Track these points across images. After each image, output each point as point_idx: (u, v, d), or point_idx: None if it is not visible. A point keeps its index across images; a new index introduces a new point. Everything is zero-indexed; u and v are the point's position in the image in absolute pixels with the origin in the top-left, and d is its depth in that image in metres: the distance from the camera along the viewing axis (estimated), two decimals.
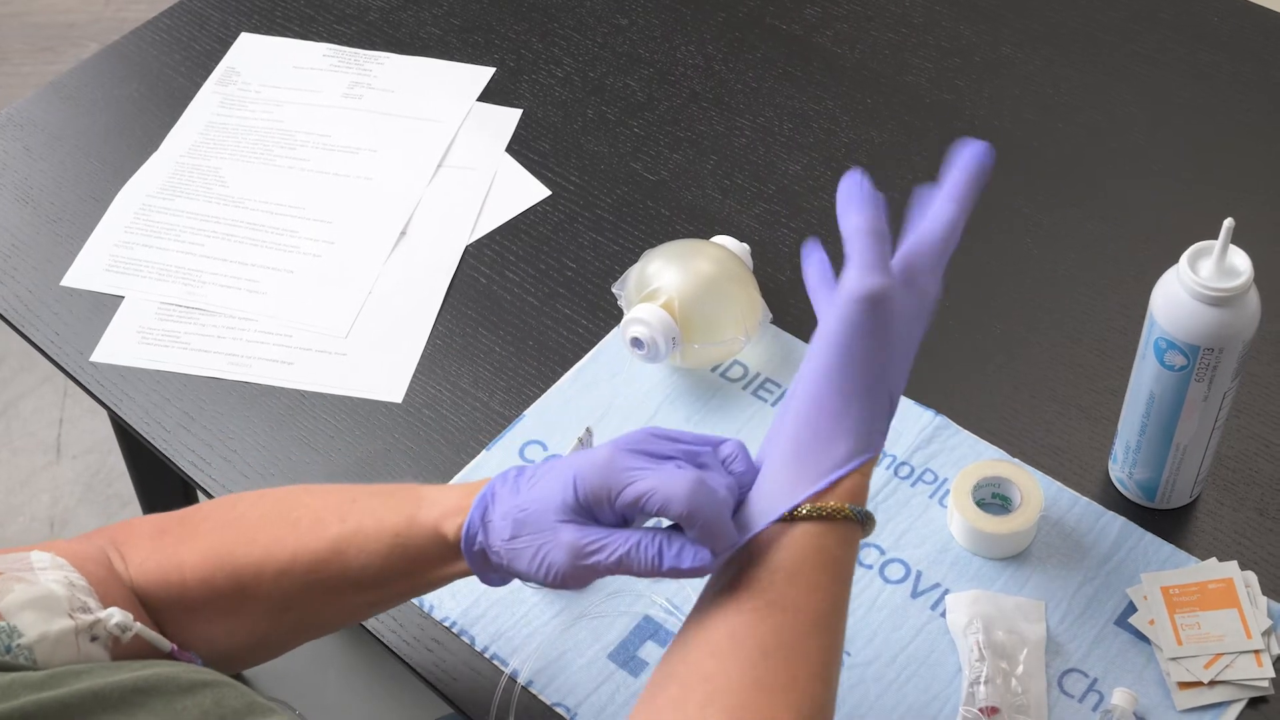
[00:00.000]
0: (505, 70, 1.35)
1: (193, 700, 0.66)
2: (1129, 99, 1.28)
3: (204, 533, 0.83)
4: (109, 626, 0.73)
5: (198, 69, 1.37)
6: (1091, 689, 0.90)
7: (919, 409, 1.05)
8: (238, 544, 0.82)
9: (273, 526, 0.82)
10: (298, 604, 0.81)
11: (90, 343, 1.15)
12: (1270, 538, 0.97)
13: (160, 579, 0.81)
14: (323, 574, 0.80)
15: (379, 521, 0.80)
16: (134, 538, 0.84)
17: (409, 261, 1.19)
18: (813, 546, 0.73)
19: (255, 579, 0.80)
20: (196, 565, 0.81)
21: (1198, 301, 0.86)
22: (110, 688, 0.63)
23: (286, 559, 0.80)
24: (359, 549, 0.79)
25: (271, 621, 0.82)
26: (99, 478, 2.06)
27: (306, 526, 0.81)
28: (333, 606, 0.83)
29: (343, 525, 0.80)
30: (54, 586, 0.72)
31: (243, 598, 0.81)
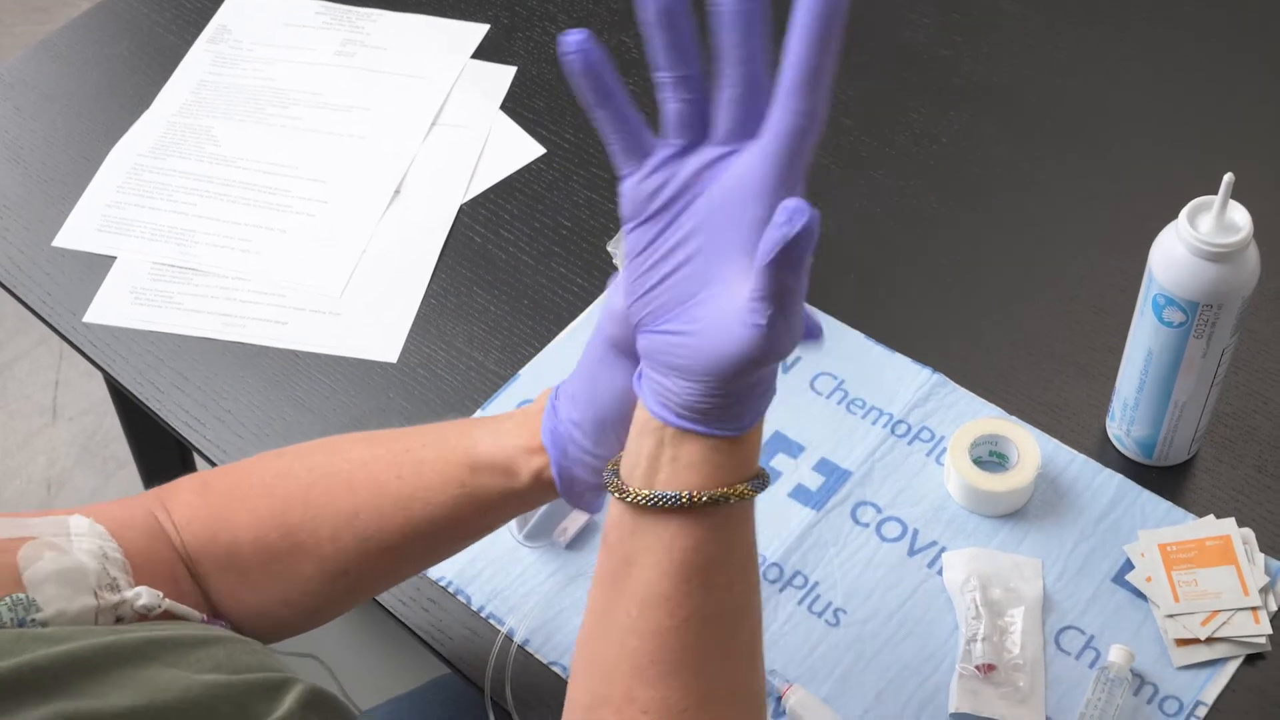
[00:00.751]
0: (499, 27, 1.34)
1: (205, 652, 0.66)
2: (1129, 55, 1.27)
3: (252, 492, 0.80)
4: (135, 607, 0.71)
5: (189, 27, 1.36)
6: (1088, 646, 0.90)
7: (916, 367, 1.05)
8: (291, 504, 0.79)
9: (327, 485, 0.79)
10: (356, 564, 0.79)
11: (83, 303, 1.14)
12: (1268, 494, 0.97)
13: (209, 538, 0.79)
14: (386, 532, 0.78)
15: (441, 475, 0.78)
16: (180, 496, 0.81)
17: (403, 220, 1.19)
18: None
19: (313, 539, 0.78)
20: (249, 525, 0.79)
21: (1197, 257, 0.86)
22: (122, 641, 0.63)
23: (345, 518, 0.78)
24: (424, 503, 0.77)
25: (327, 584, 0.80)
26: (95, 439, 2.06)
27: (362, 484, 0.79)
28: (393, 562, 0.80)
29: (401, 482, 0.78)
30: (85, 559, 0.70)
31: (298, 559, 0.78)
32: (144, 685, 0.62)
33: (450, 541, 0.82)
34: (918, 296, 1.10)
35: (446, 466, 0.78)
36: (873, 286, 1.11)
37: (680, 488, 0.64)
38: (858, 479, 0.99)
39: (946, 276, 1.12)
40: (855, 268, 1.12)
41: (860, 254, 1.13)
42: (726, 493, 0.64)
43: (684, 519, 0.64)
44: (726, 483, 0.64)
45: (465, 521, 0.79)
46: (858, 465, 1.00)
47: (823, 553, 0.95)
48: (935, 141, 1.21)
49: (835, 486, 0.99)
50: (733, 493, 0.64)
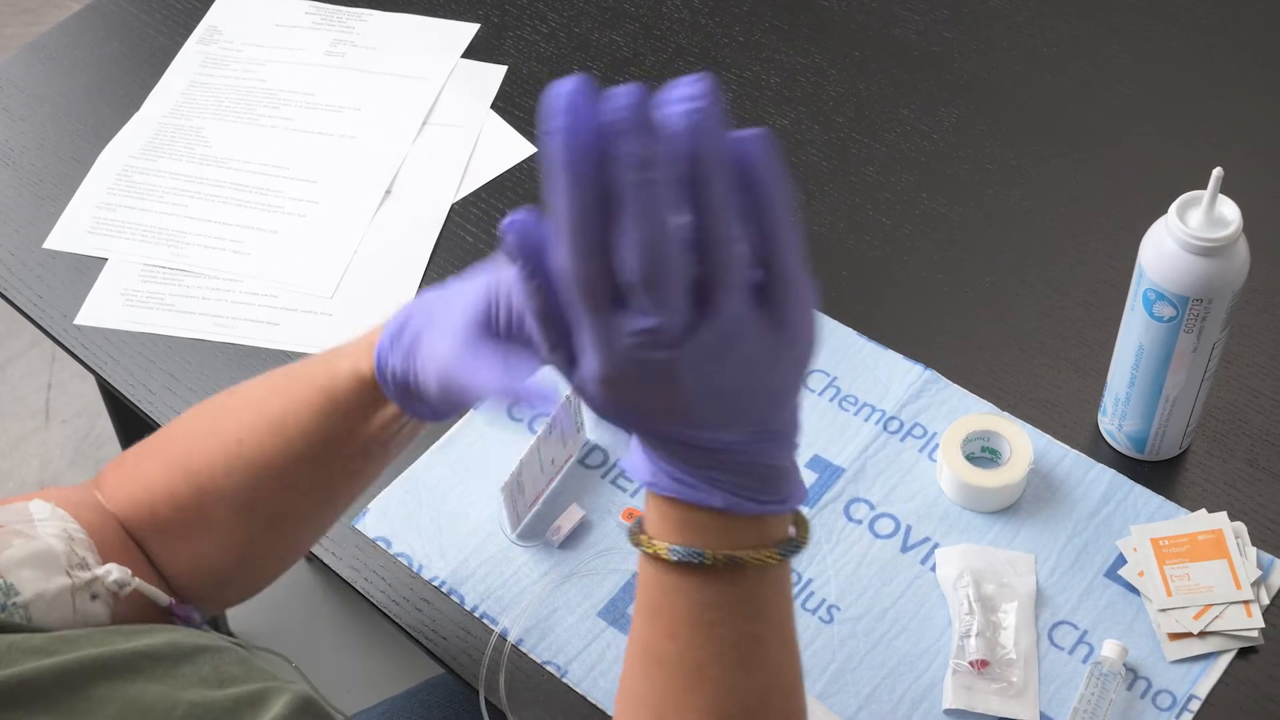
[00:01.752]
0: (490, 26, 1.34)
1: (192, 667, 0.66)
2: (1118, 49, 1.27)
3: (161, 448, 0.82)
4: (107, 583, 0.72)
5: (179, 28, 1.36)
6: (1081, 641, 0.90)
7: (908, 363, 1.05)
8: (191, 449, 0.80)
9: (219, 422, 0.80)
10: (259, 498, 0.79)
11: (74, 305, 1.14)
12: (1259, 488, 0.97)
13: (131, 503, 0.80)
14: (268, 455, 0.78)
15: (307, 384, 0.78)
16: (108, 470, 0.83)
17: (394, 220, 1.19)
18: None
19: (210, 478, 0.79)
20: (161, 478, 0.80)
21: (1186, 252, 0.86)
22: (110, 655, 0.63)
23: (234, 448, 0.78)
24: (295, 416, 0.77)
25: (243, 525, 0.80)
26: (88, 441, 2.06)
27: (246, 409, 0.80)
28: (291, 492, 0.80)
29: (275, 396, 0.79)
30: (53, 541, 0.72)
31: (204, 503, 0.79)
32: (129, 705, 0.62)
33: (336, 462, 0.79)
34: (909, 293, 1.10)
35: (312, 375, 0.78)
36: (864, 283, 1.11)
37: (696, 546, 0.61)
38: (850, 476, 0.99)
39: (938, 273, 1.12)
40: (846, 264, 1.12)
41: (851, 251, 1.13)
42: (741, 556, 0.60)
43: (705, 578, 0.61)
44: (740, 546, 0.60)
45: (338, 432, 0.77)
46: (850, 462, 1.00)
47: (816, 550, 0.96)
48: (926, 138, 1.21)
49: (828, 484, 0.99)
50: (750, 557, 0.60)
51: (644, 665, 0.64)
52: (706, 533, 0.60)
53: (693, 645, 0.62)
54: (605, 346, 0.54)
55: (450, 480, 1.01)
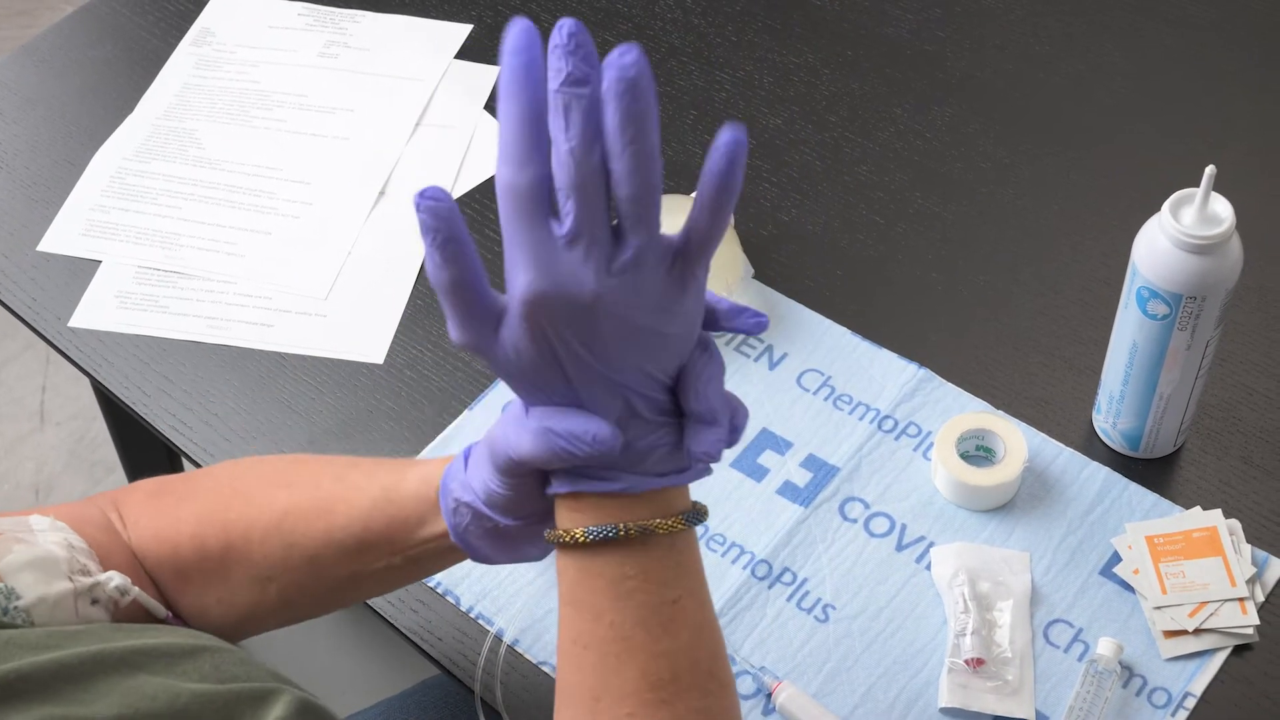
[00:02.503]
0: (483, 27, 1.34)
1: (192, 664, 0.66)
2: (1110, 47, 1.27)
3: (202, 493, 0.82)
4: (109, 590, 0.72)
5: (172, 30, 1.36)
6: (1077, 639, 0.90)
7: (902, 362, 1.05)
8: (232, 503, 0.80)
9: (269, 487, 0.81)
10: (281, 572, 0.80)
11: (68, 308, 1.14)
12: (1254, 485, 0.97)
13: (155, 538, 0.80)
14: (309, 536, 0.78)
15: (370, 477, 0.78)
16: (132, 496, 0.83)
17: (388, 221, 1.19)
18: None
19: (243, 539, 0.79)
20: (190, 524, 0.80)
21: (1180, 250, 0.86)
22: (108, 651, 0.63)
23: (275, 518, 0.79)
24: (346, 504, 0.78)
25: (256, 592, 0.81)
26: (83, 444, 2.05)
27: (300, 485, 0.80)
28: (315, 577, 0.80)
29: (335, 484, 0.79)
30: (53, 548, 0.72)
31: (229, 560, 0.80)
32: (131, 693, 0.62)
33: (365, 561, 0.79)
34: (903, 292, 1.10)
35: (377, 470, 0.79)
36: (858, 282, 1.11)
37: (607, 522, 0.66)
38: (845, 475, 0.99)
39: (932, 272, 1.12)
40: (840, 264, 1.12)
41: (845, 250, 1.13)
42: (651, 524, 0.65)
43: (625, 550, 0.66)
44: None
45: (376, 534, 0.77)
46: (845, 461, 1.00)
47: (811, 549, 0.96)
48: (919, 137, 1.21)
49: (823, 483, 0.99)
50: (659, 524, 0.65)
51: (573, 655, 0.67)
52: (615, 512, 0.65)
53: (617, 620, 0.65)
54: (536, 259, 0.59)
55: None
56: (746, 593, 0.94)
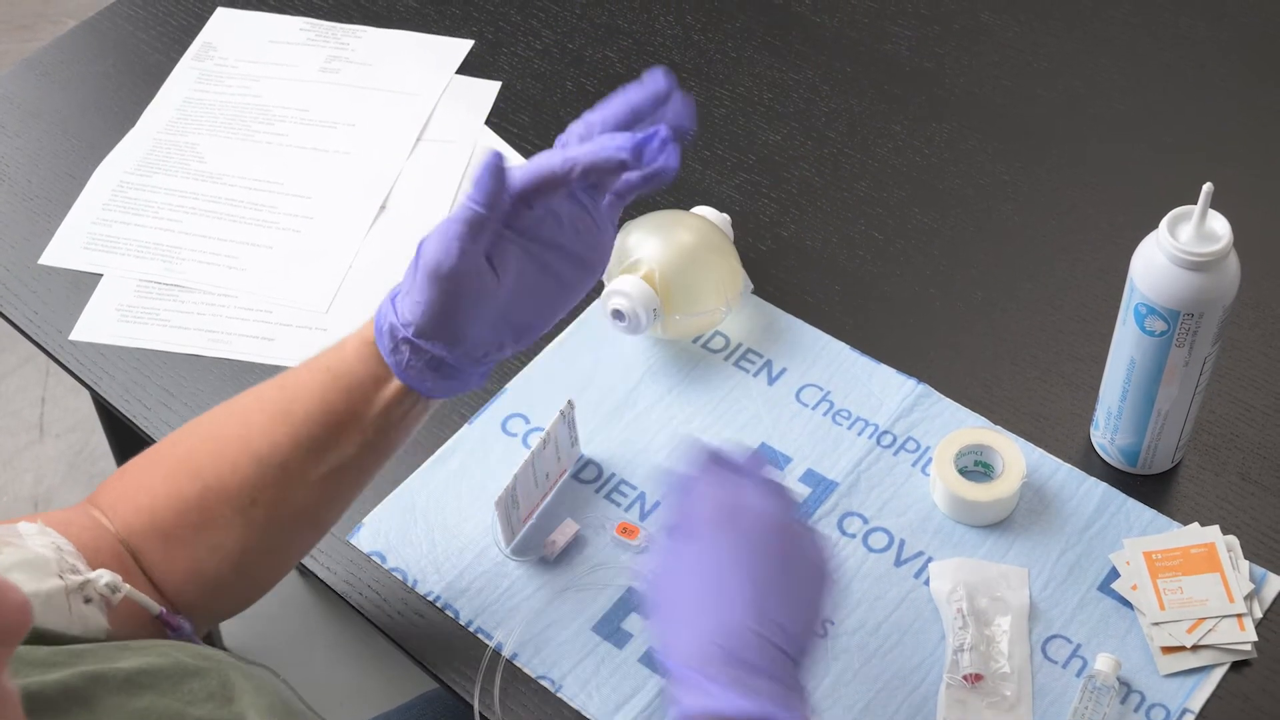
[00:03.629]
0: (484, 42, 1.34)
1: (200, 683, 0.66)
2: (1108, 64, 1.28)
3: (163, 457, 0.85)
4: (99, 587, 0.73)
5: (174, 45, 1.36)
6: (1075, 655, 0.91)
7: (901, 378, 1.05)
8: (195, 449, 0.83)
9: (222, 419, 0.84)
10: (262, 493, 0.81)
11: (69, 321, 1.14)
12: (1252, 501, 0.97)
13: (134, 511, 0.82)
14: (274, 445, 0.81)
15: (311, 368, 0.83)
16: (103, 487, 0.85)
17: (389, 236, 1.19)
18: None
19: (216, 475, 0.81)
20: (164, 480, 0.82)
21: (1177, 266, 0.86)
22: (113, 671, 0.64)
23: (238, 444, 0.81)
24: (301, 402, 0.81)
25: (245, 524, 0.81)
26: (82, 456, 2.05)
27: (250, 404, 0.83)
28: (295, 484, 0.82)
29: (281, 390, 0.83)
30: (42, 550, 0.73)
31: (208, 500, 0.81)
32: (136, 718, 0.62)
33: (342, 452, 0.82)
34: (902, 308, 1.11)
35: (316, 362, 0.83)
36: (857, 298, 1.11)
37: None
38: (844, 490, 0.99)
39: (930, 287, 1.12)
40: (839, 279, 1.13)
41: (844, 266, 1.14)
42: None
43: None
44: None
45: (340, 414, 0.81)
46: (844, 476, 1.00)
47: None
48: (918, 153, 1.22)
49: (821, 498, 0.99)
50: None
51: None
52: None
53: None
54: None
55: (444, 495, 1.01)
56: None
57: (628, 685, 0.91)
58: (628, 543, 0.97)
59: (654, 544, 0.73)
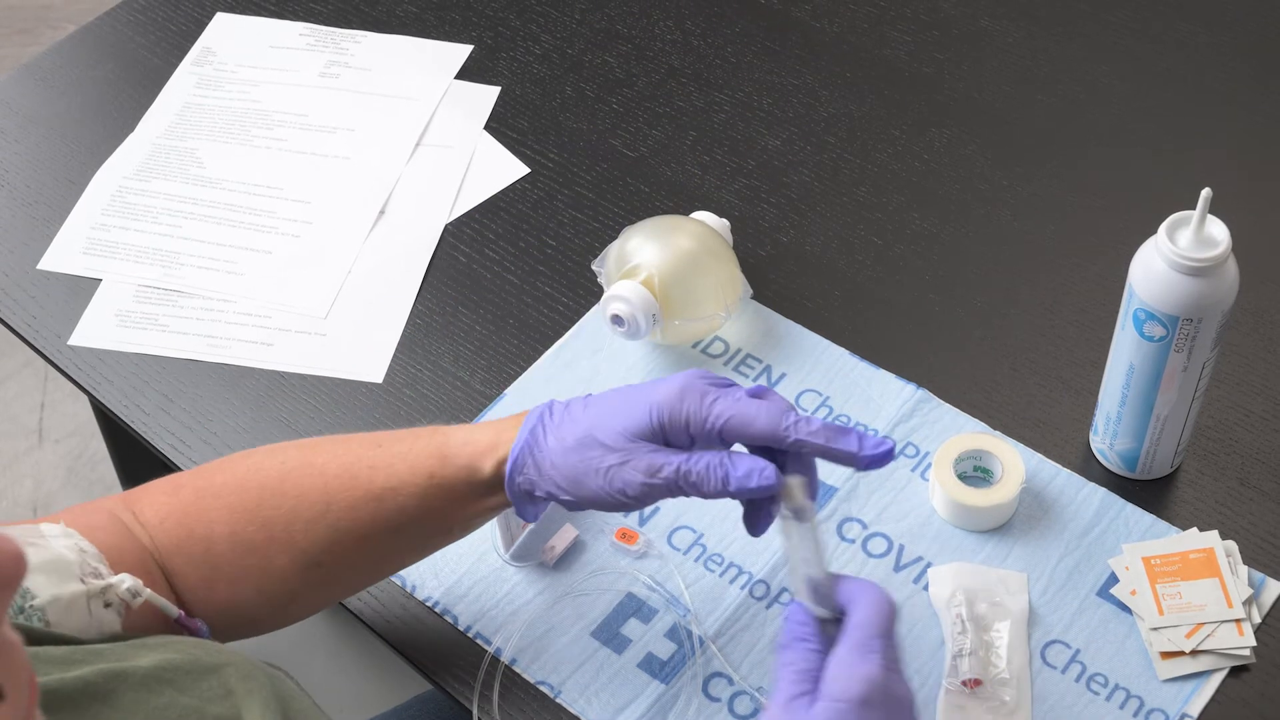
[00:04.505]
0: (483, 47, 1.34)
1: (217, 679, 0.67)
2: (1107, 70, 1.28)
3: (226, 488, 0.83)
4: (120, 592, 0.73)
5: (173, 50, 1.36)
6: (1074, 660, 0.90)
7: (900, 383, 1.05)
8: (264, 496, 0.81)
9: (299, 477, 0.82)
10: (329, 555, 0.81)
11: (68, 326, 1.14)
12: (1251, 506, 0.97)
13: (184, 534, 0.81)
14: (358, 521, 0.80)
15: (411, 465, 0.80)
16: (150, 496, 0.83)
17: (388, 241, 1.19)
18: None
19: (286, 532, 0.80)
20: (225, 520, 0.81)
21: (1176, 272, 0.86)
22: (133, 668, 0.64)
23: (319, 509, 0.80)
24: (396, 496, 0.80)
25: (301, 576, 0.81)
26: (81, 461, 2.05)
27: (335, 475, 0.81)
28: (364, 556, 0.82)
29: (373, 472, 0.80)
30: (65, 552, 0.73)
31: (273, 551, 0.80)
32: (155, 715, 0.62)
33: (420, 536, 0.83)
34: (901, 313, 1.11)
35: (418, 458, 0.80)
36: (856, 303, 1.11)
37: None
38: (843, 495, 0.99)
39: (929, 293, 1.12)
40: (839, 285, 1.13)
41: (843, 271, 1.14)
42: None
43: None
44: None
45: (434, 514, 0.81)
46: (843, 481, 1.00)
47: None
48: (917, 158, 1.22)
49: (821, 503, 0.99)
50: None
51: None
52: None
53: None
54: None
55: None
56: (744, 613, 0.94)
57: (627, 690, 0.91)
58: (627, 548, 0.97)
59: (768, 712, 0.71)
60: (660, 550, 0.97)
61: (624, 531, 0.97)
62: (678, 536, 0.98)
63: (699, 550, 0.97)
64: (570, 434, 0.77)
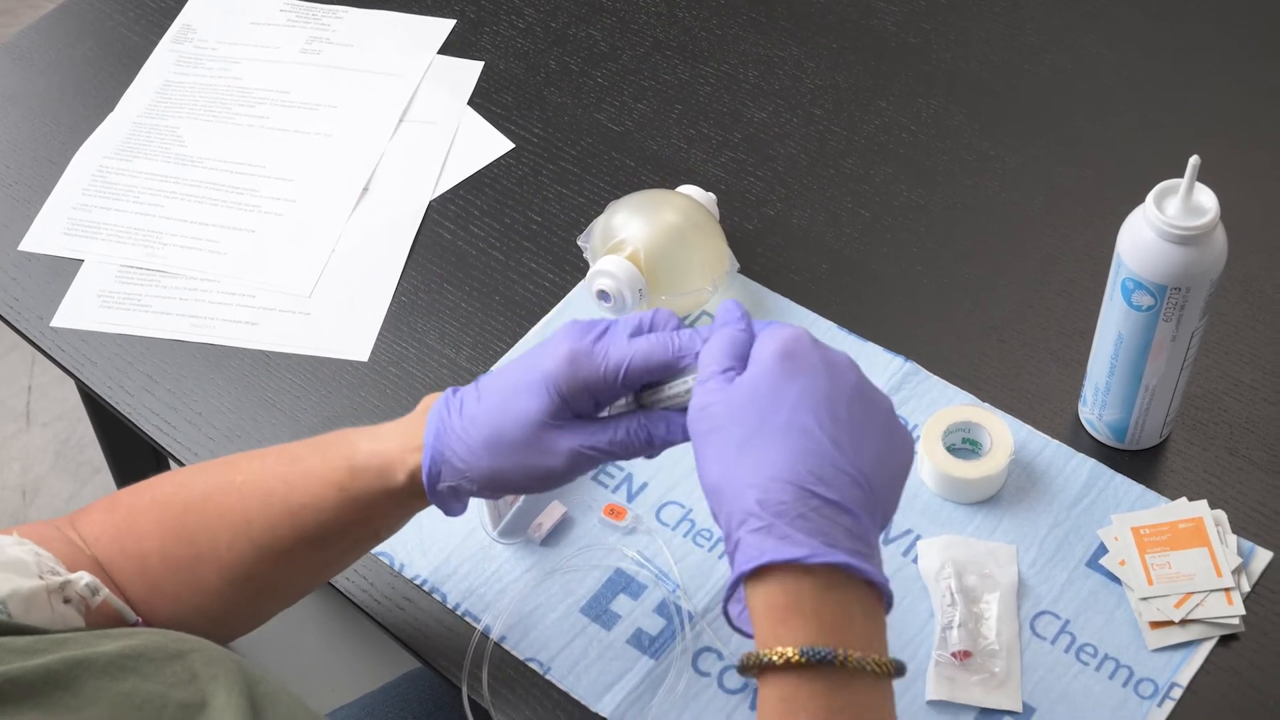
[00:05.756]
0: (465, 22, 1.33)
1: (182, 664, 0.66)
2: (1094, 39, 1.27)
3: (154, 504, 0.83)
4: (79, 588, 0.73)
5: (153, 27, 1.35)
6: (1063, 631, 0.90)
7: (888, 355, 1.05)
8: (188, 515, 0.81)
9: (221, 495, 0.81)
10: (257, 571, 0.81)
11: (50, 308, 1.13)
12: (1239, 476, 0.97)
13: (118, 550, 0.81)
14: (277, 537, 0.80)
15: (322, 480, 0.79)
16: (89, 516, 0.83)
17: (372, 218, 1.18)
18: None
19: (212, 548, 0.80)
20: (154, 536, 0.81)
21: (1164, 241, 0.86)
22: (96, 655, 0.63)
23: (241, 527, 0.80)
24: (312, 511, 0.79)
25: (235, 591, 0.81)
26: (69, 445, 2.05)
27: (251, 494, 0.81)
28: (292, 569, 0.82)
29: (288, 489, 0.80)
30: (21, 554, 0.73)
31: (202, 568, 0.80)
32: (120, 702, 0.62)
33: (343, 545, 0.82)
34: (888, 285, 1.10)
35: (328, 472, 0.79)
36: (843, 276, 1.11)
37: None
38: None
39: (917, 264, 1.12)
40: (825, 257, 1.12)
41: (830, 243, 1.13)
42: (871, 659, 0.64)
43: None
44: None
45: (351, 524, 0.80)
46: None
47: None
48: (904, 129, 1.21)
49: None
50: (877, 663, 0.64)
51: None
52: (828, 633, 0.63)
53: None
54: None
55: None
56: None
57: (616, 666, 0.90)
58: (615, 524, 0.96)
59: (701, 386, 0.69)
60: (649, 526, 0.96)
61: (612, 508, 0.97)
62: (666, 512, 0.97)
63: (688, 525, 0.97)
64: (475, 436, 0.75)
